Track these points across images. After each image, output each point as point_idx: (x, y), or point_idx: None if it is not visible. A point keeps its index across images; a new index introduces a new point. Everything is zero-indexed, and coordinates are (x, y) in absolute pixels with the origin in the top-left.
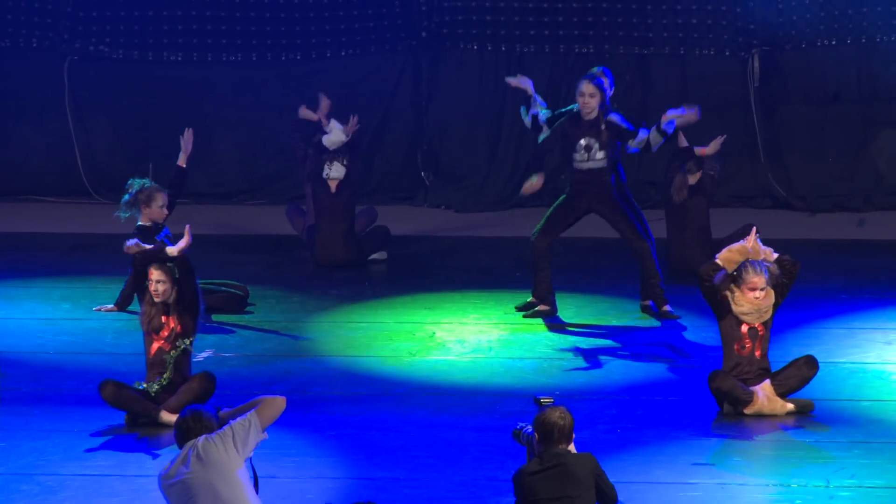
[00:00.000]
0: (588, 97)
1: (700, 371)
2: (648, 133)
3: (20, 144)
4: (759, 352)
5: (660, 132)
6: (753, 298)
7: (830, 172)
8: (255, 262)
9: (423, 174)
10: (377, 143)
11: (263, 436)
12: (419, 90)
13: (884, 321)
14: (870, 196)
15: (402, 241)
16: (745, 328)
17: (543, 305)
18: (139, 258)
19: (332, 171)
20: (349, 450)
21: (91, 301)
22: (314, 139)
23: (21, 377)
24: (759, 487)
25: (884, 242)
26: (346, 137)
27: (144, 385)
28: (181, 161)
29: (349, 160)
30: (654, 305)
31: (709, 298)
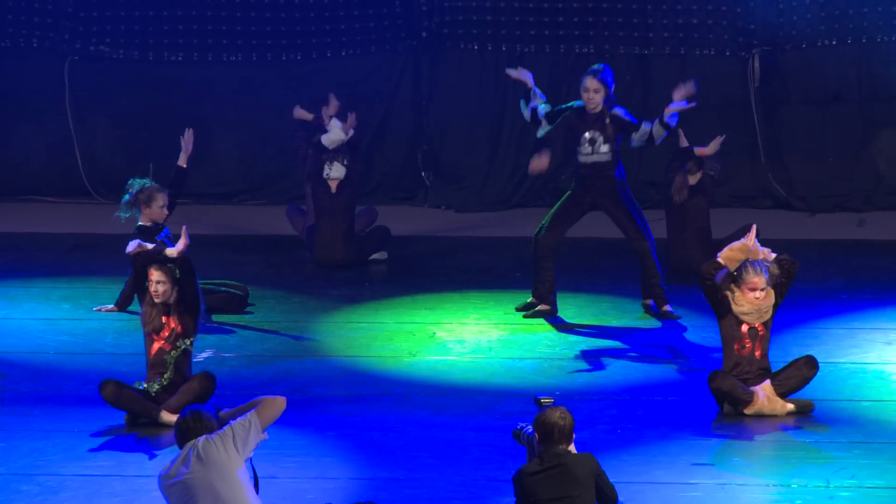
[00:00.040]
0: (592, 93)
1: (700, 371)
2: (652, 126)
3: (20, 144)
4: (760, 352)
5: (663, 125)
6: (754, 299)
7: (831, 172)
8: (255, 263)
9: (424, 174)
10: (377, 143)
11: (264, 436)
12: (419, 90)
13: (884, 321)
14: (870, 196)
15: (403, 242)
16: (746, 328)
17: (544, 305)
18: (139, 259)
19: (333, 171)
20: (349, 450)
21: (91, 301)
22: (314, 139)
23: (21, 377)
24: (760, 487)
25: (884, 242)
26: (346, 136)
27: (145, 385)
28: (181, 161)
29: (349, 160)
30: (655, 305)
31: (710, 297)
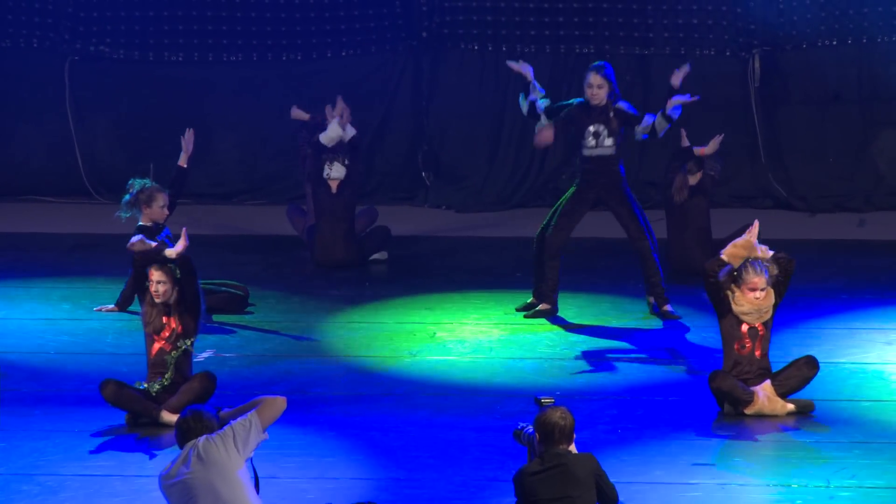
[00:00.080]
0: (596, 88)
1: (701, 371)
2: (654, 119)
3: (21, 144)
4: (760, 352)
5: (665, 118)
6: (754, 299)
7: (831, 173)
8: (256, 263)
9: (424, 174)
10: (378, 144)
11: (264, 436)
12: (420, 90)
13: (884, 321)
14: (870, 196)
15: (403, 242)
16: (746, 328)
17: (545, 304)
18: (138, 259)
19: (333, 172)
20: (350, 450)
21: (91, 301)
22: (312, 139)
23: (21, 377)
24: (760, 488)
25: (884, 243)
26: (343, 131)
27: (145, 385)
28: (182, 161)
29: (350, 160)
30: (656, 305)
31: (712, 295)
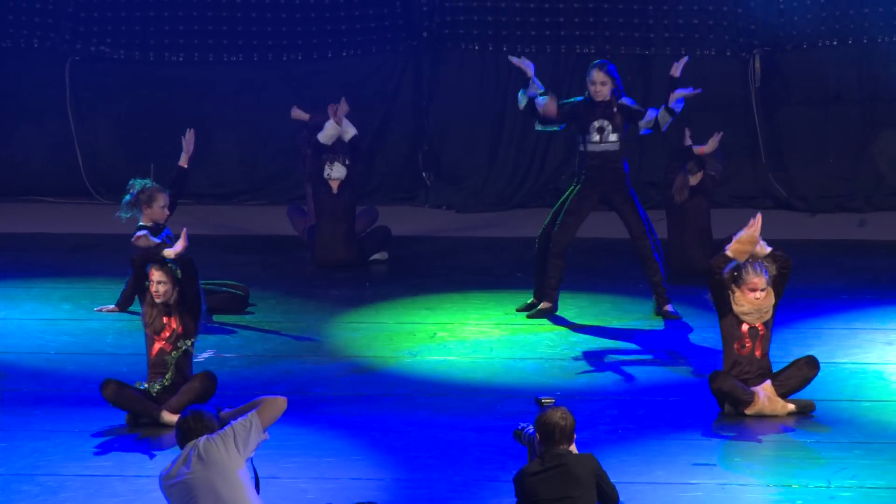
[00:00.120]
0: (599, 85)
1: (701, 372)
2: (657, 113)
3: (21, 145)
4: (760, 352)
5: (668, 111)
6: (754, 299)
7: (831, 173)
8: (256, 263)
9: (424, 174)
10: (378, 144)
11: (264, 436)
12: (420, 90)
13: (884, 322)
14: (870, 197)
15: (403, 242)
16: (746, 327)
17: (546, 302)
18: (137, 259)
19: (334, 172)
20: (350, 450)
21: (92, 301)
22: (312, 139)
23: (22, 378)
24: (760, 488)
25: (884, 243)
26: (340, 126)
27: (146, 385)
28: (182, 161)
29: (350, 160)
30: (657, 304)
31: (717, 293)
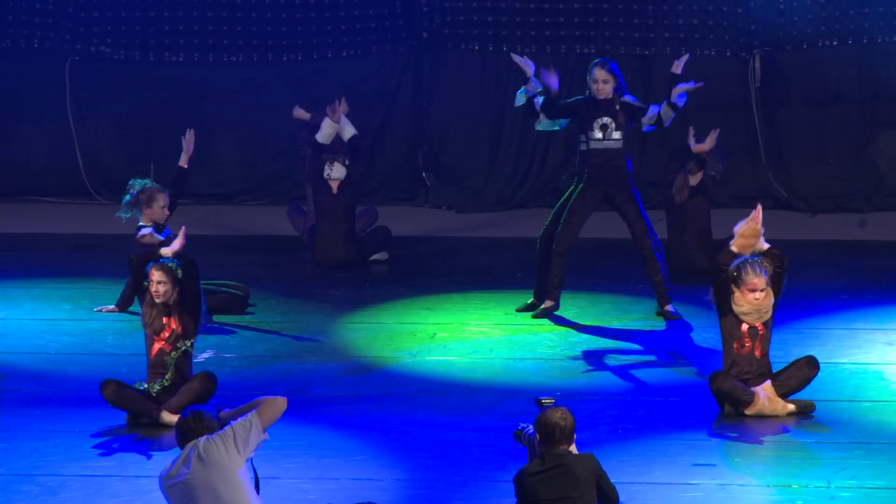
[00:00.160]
0: (602, 83)
1: (701, 372)
2: (660, 109)
3: (21, 145)
4: (760, 352)
5: (671, 106)
6: (753, 299)
7: (831, 173)
8: (256, 263)
9: (424, 175)
10: (378, 144)
11: (264, 436)
12: (420, 91)
13: (885, 322)
14: (871, 197)
15: (403, 242)
16: (745, 327)
17: (549, 301)
18: (135, 259)
19: (334, 172)
20: (350, 450)
21: (92, 302)
22: (312, 139)
23: (22, 378)
24: (760, 488)
25: (885, 243)
26: (338, 124)
27: (146, 385)
28: (182, 161)
29: (350, 160)
30: (658, 304)
31: (721, 290)
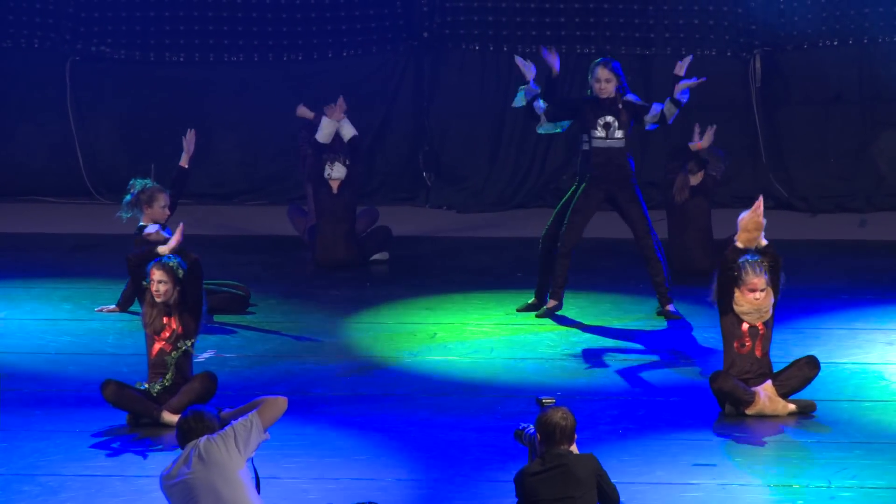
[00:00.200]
0: (604, 82)
1: (702, 372)
2: (662, 107)
3: (22, 145)
4: (760, 351)
5: (674, 103)
6: (753, 299)
7: (832, 173)
8: (257, 263)
9: (425, 175)
10: (378, 144)
11: (265, 436)
12: (421, 91)
13: (885, 322)
14: (871, 197)
15: (404, 242)
16: (746, 326)
17: (553, 301)
18: (133, 259)
19: (334, 172)
20: (350, 450)
21: (92, 302)
22: (311, 139)
23: (22, 378)
24: (761, 488)
25: (885, 243)
26: (337, 123)
27: (146, 385)
28: (183, 161)
29: (350, 160)
30: (659, 304)
31: (726, 287)
